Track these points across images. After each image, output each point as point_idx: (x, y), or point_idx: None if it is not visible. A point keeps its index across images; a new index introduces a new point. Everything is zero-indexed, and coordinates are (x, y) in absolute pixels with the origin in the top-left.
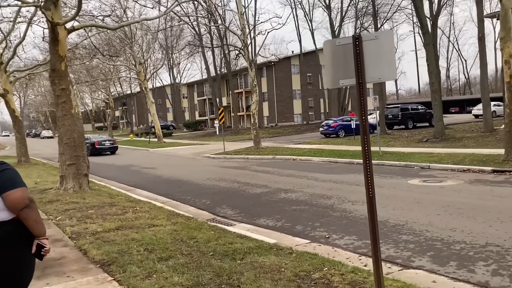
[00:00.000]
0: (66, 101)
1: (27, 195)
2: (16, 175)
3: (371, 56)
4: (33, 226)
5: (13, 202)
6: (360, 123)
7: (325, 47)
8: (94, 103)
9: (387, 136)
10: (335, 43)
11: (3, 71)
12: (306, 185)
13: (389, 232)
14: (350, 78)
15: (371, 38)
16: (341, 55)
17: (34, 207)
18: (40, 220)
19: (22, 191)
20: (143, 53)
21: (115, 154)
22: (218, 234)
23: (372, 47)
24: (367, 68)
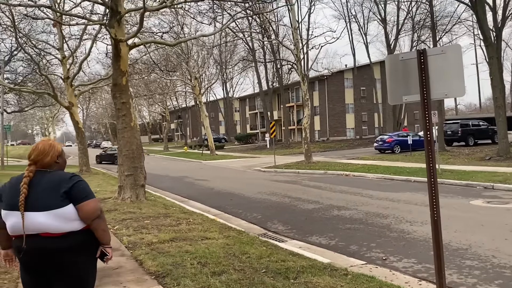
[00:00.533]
0: (126, 114)
1: (100, 206)
2: (88, 187)
3: (437, 72)
4: (102, 235)
5: (88, 212)
6: (425, 142)
7: (388, 62)
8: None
9: (446, 153)
10: (398, 58)
11: (69, 85)
12: (360, 202)
13: (451, 256)
14: (414, 95)
15: (437, 53)
16: (404, 71)
17: (103, 217)
18: (107, 230)
19: (95, 202)
20: (198, 68)
21: (163, 165)
22: (270, 250)
23: (438, 62)
24: (433, 84)
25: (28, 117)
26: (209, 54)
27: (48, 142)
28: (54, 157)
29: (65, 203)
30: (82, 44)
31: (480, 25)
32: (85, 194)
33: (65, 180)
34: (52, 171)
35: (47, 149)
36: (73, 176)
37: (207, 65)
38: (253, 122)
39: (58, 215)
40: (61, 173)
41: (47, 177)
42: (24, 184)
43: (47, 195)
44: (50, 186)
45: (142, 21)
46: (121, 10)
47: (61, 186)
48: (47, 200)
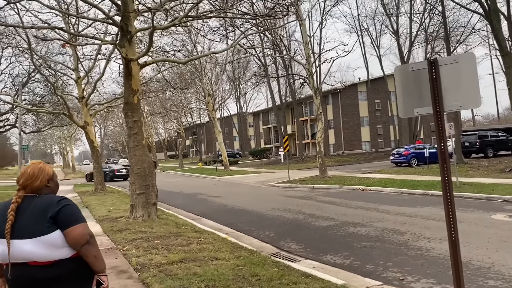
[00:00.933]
0: (137, 133)
1: (88, 231)
2: (77, 211)
3: (450, 82)
4: (94, 262)
5: (75, 238)
6: (439, 155)
7: (397, 74)
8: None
9: (464, 165)
10: (408, 69)
11: (84, 104)
12: (376, 218)
13: (473, 276)
14: (426, 107)
15: (449, 62)
16: (415, 82)
17: (94, 242)
18: (100, 256)
19: (83, 227)
20: (212, 85)
21: (177, 181)
22: (282, 271)
23: (450, 72)
24: (446, 95)
25: (47, 136)
26: (222, 71)
27: (37, 165)
28: (44, 181)
29: (51, 229)
30: (97, 65)
31: (495, 35)
32: (73, 218)
33: (52, 205)
34: (41, 195)
35: (36, 173)
36: (61, 200)
37: (221, 82)
38: (267, 137)
39: (45, 242)
40: (50, 197)
41: (35, 202)
42: (11, 211)
43: (34, 221)
44: (37, 211)
45: (152, 40)
46: (132, 30)
47: (48, 211)
48: (33, 227)
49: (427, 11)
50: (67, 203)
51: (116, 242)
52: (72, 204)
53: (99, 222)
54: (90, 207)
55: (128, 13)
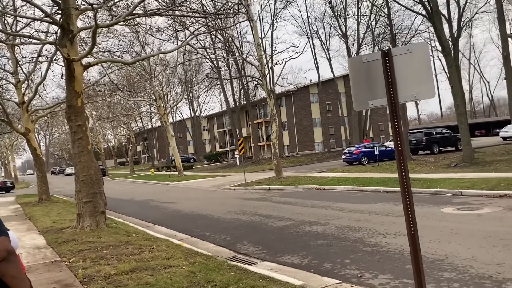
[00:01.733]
0: (82, 137)
1: (5, 247)
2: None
3: (404, 72)
4: (12, 283)
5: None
6: (395, 148)
7: (350, 66)
8: (116, 139)
9: (412, 162)
10: (361, 60)
11: (25, 110)
12: (332, 216)
13: (428, 268)
14: (381, 98)
15: (402, 53)
16: (369, 73)
17: (14, 260)
18: (20, 276)
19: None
20: (163, 88)
21: (128, 189)
22: (239, 276)
23: (404, 63)
24: (400, 86)
25: None
26: (173, 73)
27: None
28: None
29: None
30: (38, 68)
31: (438, 35)
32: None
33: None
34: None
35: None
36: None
37: (172, 85)
38: (222, 140)
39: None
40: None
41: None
42: None
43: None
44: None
45: (95, 39)
46: (74, 29)
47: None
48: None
49: (374, 13)
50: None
51: (61, 254)
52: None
53: (42, 234)
54: (34, 219)
55: (69, 11)
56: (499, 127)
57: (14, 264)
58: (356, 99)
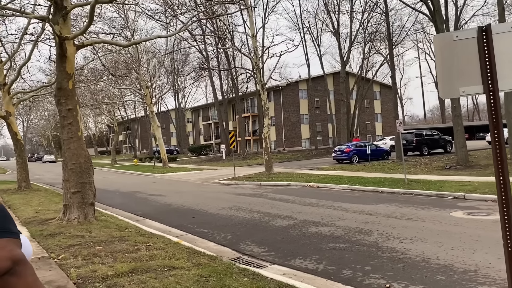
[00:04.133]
0: (72, 123)
1: (10, 255)
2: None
3: (507, 55)
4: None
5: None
6: (493, 146)
7: (438, 44)
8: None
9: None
10: (451, 38)
11: (6, 92)
12: (336, 216)
13: (463, 280)
14: (475, 85)
15: (505, 30)
16: (461, 55)
17: (23, 273)
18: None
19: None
20: (150, 77)
21: (112, 179)
22: (255, 283)
23: (507, 43)
24: (501, 71)
25: None
26: (161, 62)
27: None
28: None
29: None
30: (22, 48)
31: (438, 33)
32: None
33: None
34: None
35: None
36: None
37: (158, 74)
38: (207, 133)
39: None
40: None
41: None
42: None
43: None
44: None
45: (93, 15)
46: (67, 5)
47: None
48: None
49: (367, 10)
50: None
51: (48, 249)
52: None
53: (25, 225)
54: (13, 207)
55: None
56: (483, 131)
57: (23, 278)
58: (443, 85)
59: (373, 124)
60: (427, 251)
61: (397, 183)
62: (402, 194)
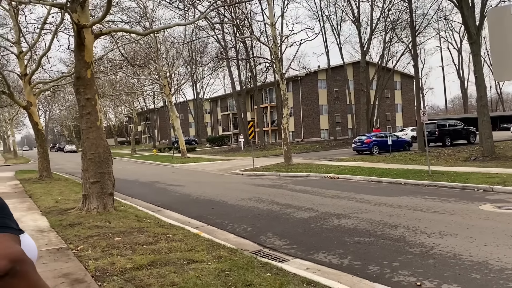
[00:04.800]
0: (91, 112)
1: (9, 254)
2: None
3: None
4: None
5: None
6: None
7: (491, 19)
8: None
9: (425, 154)
10: (507, 12)
11: (27, 83)
12: (358, 209)
13: (500, 279)
14: None
15: None
16: None
17: (24, 273)
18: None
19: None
20: (168, 67)
21: (131, 169)
22: (279, 278)
23: None
24: None
25: None
26: (179, 53)
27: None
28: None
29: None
30: (42, 39)
31: (464, 22)
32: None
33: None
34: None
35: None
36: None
37: (177, 65)
38: (225, 124)
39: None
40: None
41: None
42: None
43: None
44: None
45: (111, 2)
46: None
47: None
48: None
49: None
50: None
51: (67, 240)
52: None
53: (45, 215)
54: (34, 197)
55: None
56: (507, 122)
57: (25, 280)
58: (497, 65)
59: (393, 114)
60: (458, 246)
61: (420, 175)
62: (426, 186)
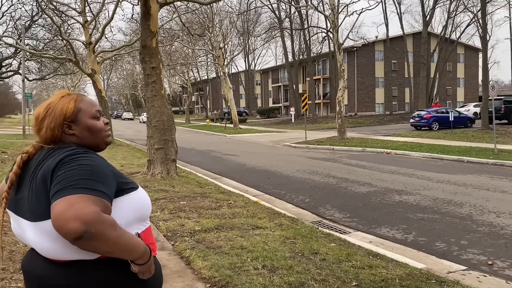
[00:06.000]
0: (156, 81)
1: (81, 211)
2: (76, 173)
3: None
4: (117, 255)
5: (55, 224)
6: None
7: None
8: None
9: (491, 131)
10: None
11: (92, 51)
12: (420, 186)
13: None
14: None
15: None
16: None
17: (100, 236)
18: (120, 248)
19: (66, 204)
20: (223, 38)
21: (186, 137)
22: (345, 249)
23: None
24: None
25: (50, 86)
26: (233, 23)
27: (46, 103)
28: (53, 128)
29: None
30: (105, 9)
31: None
32: (59, 187)
33: (53, 166)
34: (57, 148)
35: (41, 115)
36: (66, 157)
37: (231, 35)
38: (276, 96)
39: (48, 231)
40: (62, 152)
41: (47, 158)
42: (16, 166)
43: (37, 191)
44: (41, 176)
45: None
46: None
47: (48, 178)
48: (34, 201)
49: None
50: (73, 163)
51: None
52: (80, 164)
53: None
54: None
55: None
56: None
57: (104, 238)
58: None
59: (455, 89)
60: None
61: (485, 153)
62: (491, 165)
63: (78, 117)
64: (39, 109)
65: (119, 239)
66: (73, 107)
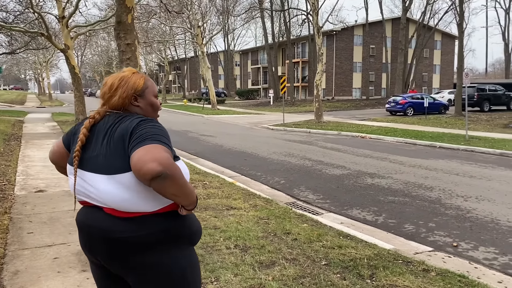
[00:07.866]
0: (130, 58)
1: (159, 156)
2: (153, 131)
3: None
4: (177, 201)
5: (134, 168)
6: None
7: None
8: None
9: (463, 118)
10: None
11: (65, 25)
12: (392, 169)
13: None
14: None
15: None
16: None
17: (172, 177)
18: (184, 193)
19: (147, 151)
20: (202, 16)
21: (163, 117)
22: (316, 230)
23: None
24: None
25: (21, 61)
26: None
27: (120, 75)
28: (125, 97)
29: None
30: None
31: None
32: (140, 139)
33: (131, 127)
34: (126, 114)
35: (115, 84)
36: (142, 121)
37: (210, 14)
38: (255, 78)
39: (123, 183)
40: (136, 117)
41: (117, 123)
42: (84, 128)
43: (114, 149)
44: (116, 136)
45: None
46: None
47: (126, 137)
48: (111, 157)
49: None
50: (148, 124)
51: None
52: (154, 124)
53: None
54: None
55: None
56: None
57: (176, 181)
58: None
59: (431, 76)
60: (496, 212)
61: (456, 139)
62: (462, 150)
63: (145, 93)
64: (113, 79)
65: (185, 183)
66: (143, 83)
